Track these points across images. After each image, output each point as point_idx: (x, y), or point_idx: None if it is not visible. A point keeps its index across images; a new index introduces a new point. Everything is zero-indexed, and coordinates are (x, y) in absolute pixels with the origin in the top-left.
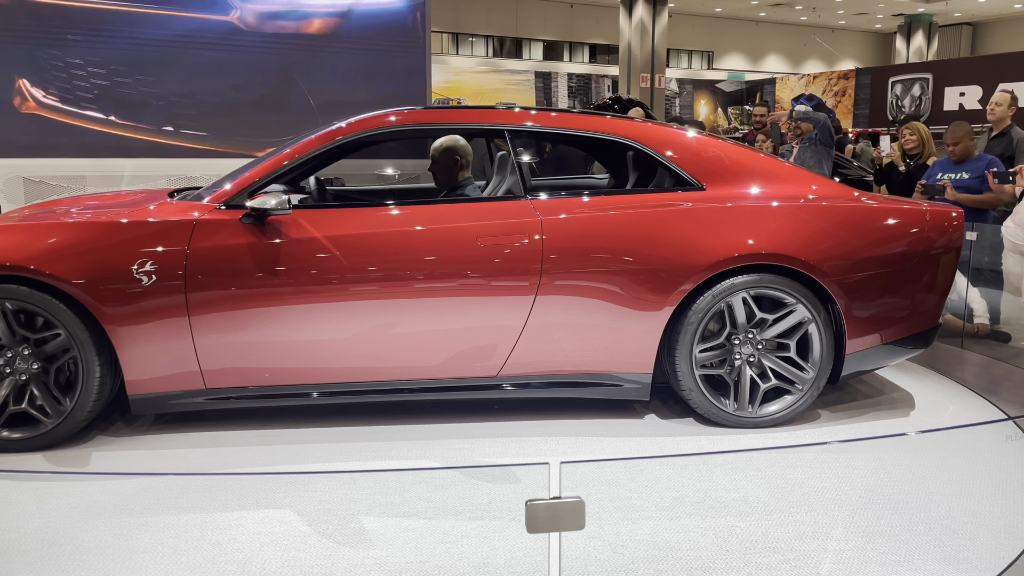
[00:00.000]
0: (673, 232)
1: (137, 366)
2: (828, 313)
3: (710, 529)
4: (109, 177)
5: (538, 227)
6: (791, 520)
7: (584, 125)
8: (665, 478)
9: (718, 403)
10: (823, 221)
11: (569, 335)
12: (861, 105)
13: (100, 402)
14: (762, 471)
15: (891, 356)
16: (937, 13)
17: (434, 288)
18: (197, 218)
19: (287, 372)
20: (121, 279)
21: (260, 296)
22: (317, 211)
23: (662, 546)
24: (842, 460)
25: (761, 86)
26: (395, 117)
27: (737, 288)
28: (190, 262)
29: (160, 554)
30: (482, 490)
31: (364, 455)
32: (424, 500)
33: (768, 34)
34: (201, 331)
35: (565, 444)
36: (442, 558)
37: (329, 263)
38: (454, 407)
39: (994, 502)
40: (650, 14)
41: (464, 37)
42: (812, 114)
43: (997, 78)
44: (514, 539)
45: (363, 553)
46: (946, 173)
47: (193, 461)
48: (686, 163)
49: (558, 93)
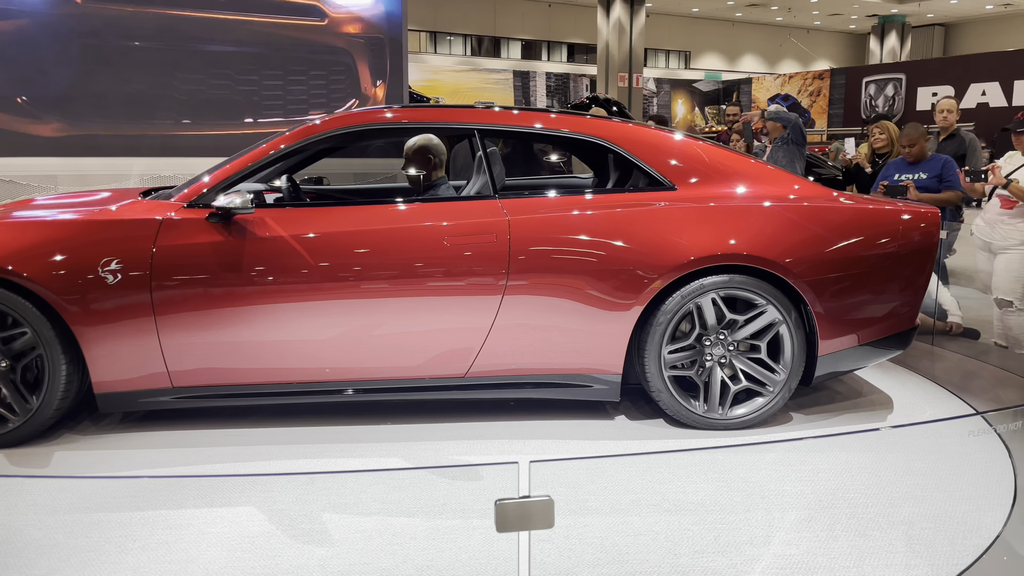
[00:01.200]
0: (641, 232)
1: (103, 364)
2: (800, 314)
3: (662, 532)
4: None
5: (506, 227)
6: (745, 523)
7: (555, 124)
8: (625, 480)
9: (687, 404)
10: (795, 222)
11: (537, 335)
12: (836, 105)
13: (67, 400)
14: (725, 473)
15: (867, 358)
16: (910, 14)
17: (399, 287)
18: (163, 217)
19: (253, 372)
20: (86, 278)
21: (225, 296)
22: (283, 210)
23: (611, 549)
24: (808, 462)
25: (738, 86)
26: (369, 115)
27: (706, 289)
28: (155, 261)
29: (106, 553)
30: (439, 491)
31: (328, 455)
32: (379, 501)
33: (744, 34)
34: (166, 330)
35: (531, 446)
36: (387, 560)
37: (294, 263)
38: (423, 408)
39: (959, 497)
40: (627, 14)
41: (442, 36)
42: (783, 114)
43: (969, 78)
44: (462, 541)
45: (308, 554)
46: (903, 173)
47: (157, 460)
48: (657, 163)
49: (536, 92)
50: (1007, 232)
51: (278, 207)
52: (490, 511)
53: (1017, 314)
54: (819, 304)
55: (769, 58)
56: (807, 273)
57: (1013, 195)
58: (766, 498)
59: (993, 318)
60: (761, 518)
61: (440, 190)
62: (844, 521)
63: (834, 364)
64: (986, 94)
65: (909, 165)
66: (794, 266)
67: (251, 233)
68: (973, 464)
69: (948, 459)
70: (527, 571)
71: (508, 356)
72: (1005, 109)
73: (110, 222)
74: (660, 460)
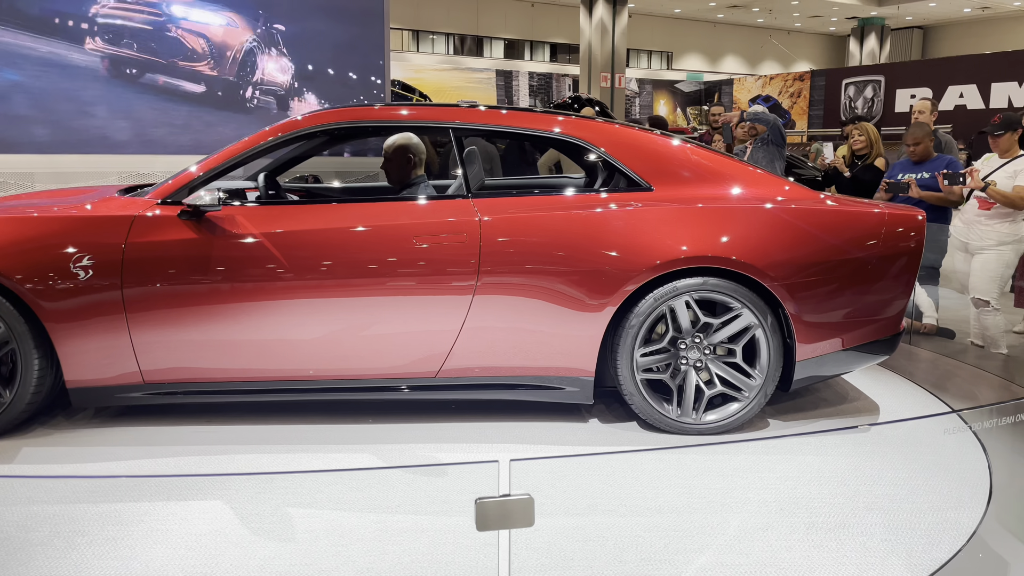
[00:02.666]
0: (614, 234)
1: (75, 359)
2: (777, 318)
3: (612, 538)
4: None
5: (476, 227)
6: (700, 530)
7: (532, 123)
8: (585, 484)
9: (660, 408)
10: (773, 224)
11: (508, 336)
12: (816, 106)
13: (40, 394)
14: (689, 480)
15: (850, 363)
16: (889, 17)
17: (367, 287)
18: (136, 214)
19: (222, 369)
20: (59, 273)
21: (194, 293)
22: (253, 208)
23: (556, 554)
24: (777, 468)
25: (719, 87)
26: (341, 114)
27: (680, 291)
28: (127, 258)
29: (53, 548)
30: (396, 493)
31: (293, 453)
32: (334, 501)
33: (726, 35)
34: (137, 326)
35: (498, 449)
36: (329, 561)
37: (260, 261)
38: (394, 408)
39: (935, 495)
40: (610, 14)
41: (425, 34)
42: (763, 115)
43: (947, 81)
44: (407, 543)
45: (252, 553)
46: (907, 173)
47: (123, 455)
48: (634, 163)
49: (519, 92)
50: (984, 233)
51: (249, 205)
52: (448, 510)
53: (993, 314)
54: (796, 308)
55: (750, 59)
56: (784, 276)
57: (991, 197)
58: (726, 504)
59: (970, 318)
60: (716, 524)
61: (419, 189)
62: (802, 531)
63: (814, 369)
64: (964, 96)
65: (914, 165)
66: (770, 269)
67: (220, 231)
68: (949, 462)
69: (924, 457)
70: (507, 571)
71: (479, 357)
72: (982, 111)
73: (82, 218)
74: (626, 463)
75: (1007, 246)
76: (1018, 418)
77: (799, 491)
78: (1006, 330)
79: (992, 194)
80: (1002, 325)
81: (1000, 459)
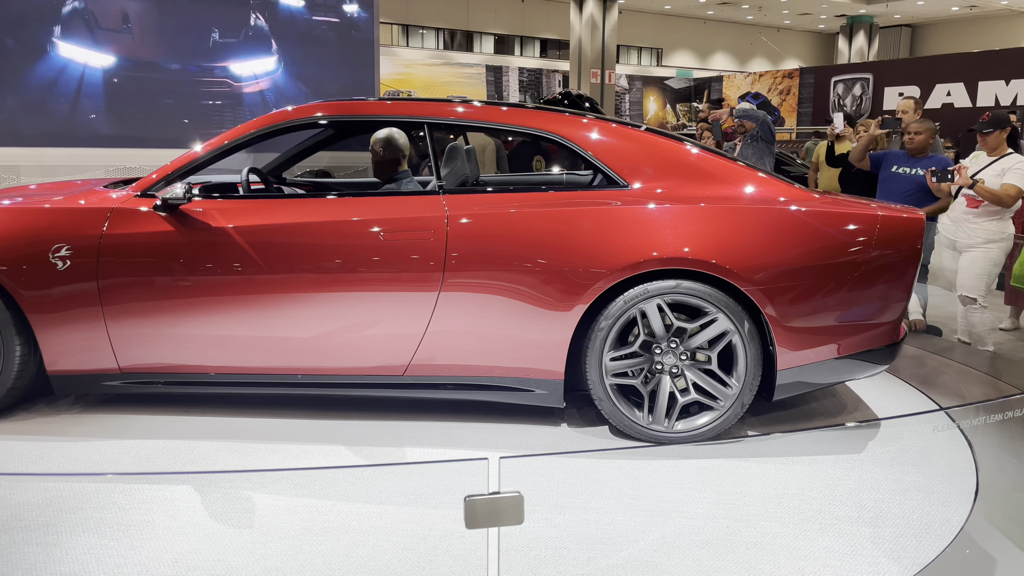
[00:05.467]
0: (585, 232)
1: (54, 347)
2: (759, 324)
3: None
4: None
5: (444, 223)
6: (685, 527)
7: (507, 119)
8: (533, 491)
9: (630, 415)
10: (754, 224)
11: (475, 335)
12: (805, 104)
13: (23, 380)
14: (643, 491)
15: (845, 372)
16: (878, 15)
17: (334, 281)
18: (114, 206)
19: (193, 362)
20: (38, 263)
21: (165, 285)
22: (229, 202)
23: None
24: (765, 467)
25: (709, 83)
26: (309, 109)
27: (651, 294)
28: (103, 249)
29: None
30: (378, 489)
31: (246, 453)
32: (316, 499)
33: (716, 32)
34: (112, 316)
35: (458, 455)
36: (238, 559)
37: (230, 255)
38: (361, 405)
39: (923, 492)
40: (600, 10)
41: (414, 29)
42: (751, 111)
43: (934, 79)
44: (329, 545)
45: (168, 547)
46: (902, 166)
47: (86, 449)
48: (611, 159)
49: (509, 87)
50: (972, 231)
51: (224, 199)
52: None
53: (980, 311)
54: (777, 313)
55: (740, 56)
56: (764, 280)
57: (979, 195)
58: (712, 504)
59: (957, 315)
60: (703, 523)
61: (402, 184)
62: (790, 527)
63: (801, 378)
64: (951, 94)
65: (909, 158)
66: (748, 272)
67: (191, 224)
68: (936, 459)
69: (911, 454)
70: (496, 570)
71: (446, 356)
72: (969, 109)
73: (62, 210)
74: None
75: (994, 244)
76: (1005, 415)
77: (787, 488)
78: (993, 327)
79: (980, 191)
80: (989, 323)
81: (987, 456)
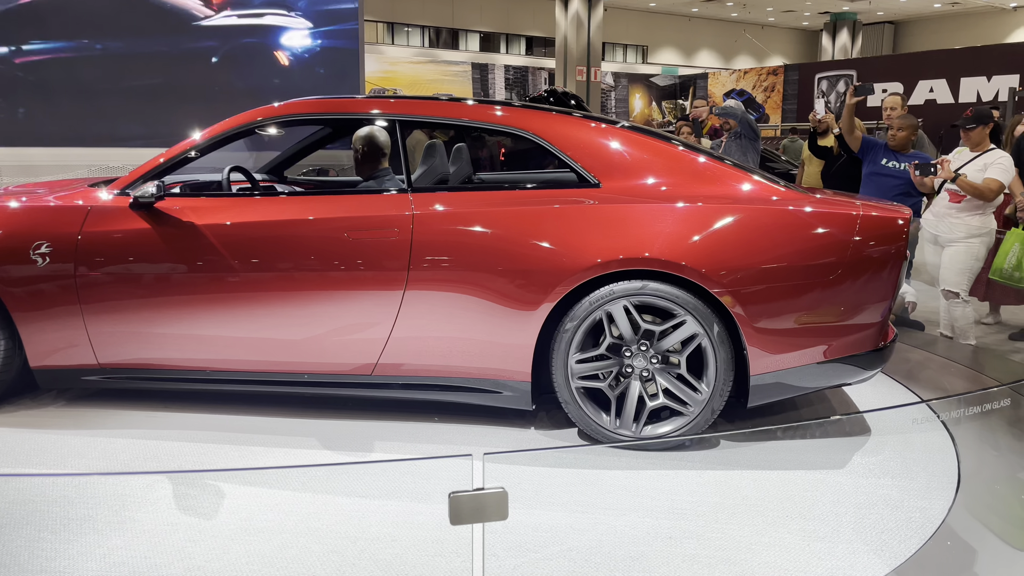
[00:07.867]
0: (550, 232)
1: (36, 342)
2: (731, 327)
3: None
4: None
5: (409, 221)
6: (665, 524)
7: (478, 116)
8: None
9: (596, 418)
10: (725, 224)
11: (441, 336)
12: (789, 100)
13: (8, 373)
14: (604, 496)
15: (830, 377)
16: (861, 12)
17: (301, 280)
18: (92, 204)
19: (167, 358)
20: (20, 260)
21: (139, 282)
22: (202, 200)
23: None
24: (746, 461)
25: (694, 81)
26: (285, 108)
27: (616, 296)
28: (80, 246)
29: None
30: (365, 485)
31: (214, 453)
32: (300, 495)
33: (700, 29)
34: (89, 311)
35: (426, 450)
36: (296, 558)
37: (200, 252)
38: (332, 404)
39: (904, 484)
40: (585, 7)
41: (400, 27)
42: (731, 109)
43: (917, 75)
44: (258, 545)
45: (100, 543)
46: (889, 160)
47: (60, 444)
48: (583, 157)
49: (495, 85)
50: (954, 225)
51: (197, 197)
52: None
53: (962, 305)
54: (749, 316)
55: (725, 53)
56: (734, 282)
57: (961, 189)
58: (694, 500)
59: (939, 309)
60: (683, 519)
61: (382, 182)
62: (772, 520)
63: (777, 382)
64: (934, 91)
65: (893, 153)
66: (717, 274)
67: (164, 222)
68: (918, 452)
69: (893, 447)
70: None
71: (413, 356)
72: (951, 106)
73: (43, 208)
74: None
75: (977, 239)
76: (985, 408)
77: (768, 482)
78: (975, 321)
79: (962, 185)
80: (971, 317)
81: (968, 449)
